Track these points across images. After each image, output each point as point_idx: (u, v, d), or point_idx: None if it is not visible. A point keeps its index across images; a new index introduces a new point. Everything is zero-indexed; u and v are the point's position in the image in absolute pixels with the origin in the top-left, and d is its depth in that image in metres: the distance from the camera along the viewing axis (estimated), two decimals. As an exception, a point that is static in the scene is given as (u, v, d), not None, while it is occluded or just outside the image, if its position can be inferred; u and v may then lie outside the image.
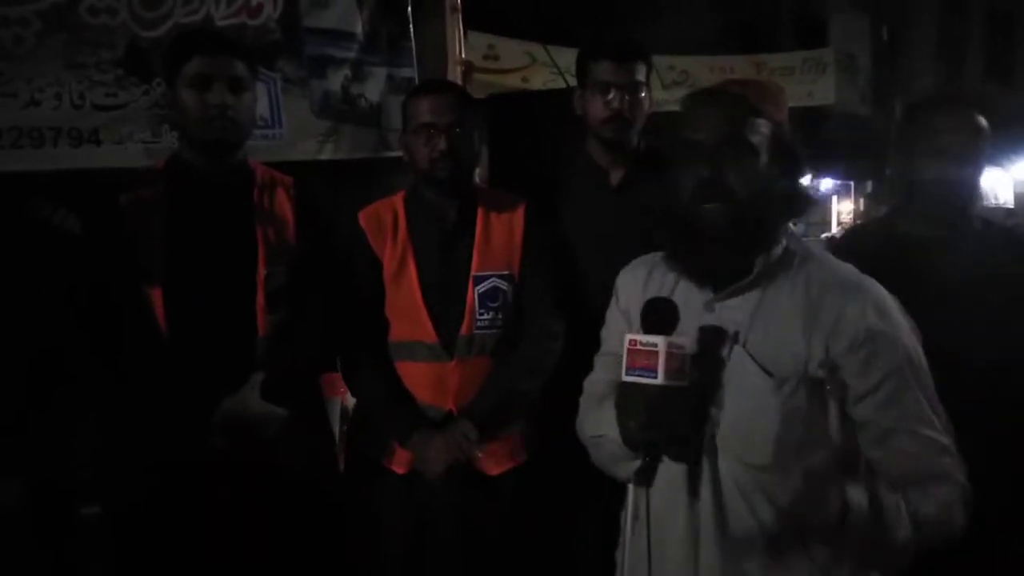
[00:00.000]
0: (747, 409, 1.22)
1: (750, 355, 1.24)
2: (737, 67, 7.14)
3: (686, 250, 1.31)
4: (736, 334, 1.26)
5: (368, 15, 2.86)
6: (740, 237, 1.25)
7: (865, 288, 1.27)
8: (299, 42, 2.77)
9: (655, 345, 1.16)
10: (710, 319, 1.29)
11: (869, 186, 15.07)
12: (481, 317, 1.95)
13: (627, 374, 1.18)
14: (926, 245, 1.87)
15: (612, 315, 1.50)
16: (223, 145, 1.87)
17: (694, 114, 1.30)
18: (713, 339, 1.25)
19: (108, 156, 2.53)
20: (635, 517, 1.33)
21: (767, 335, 1.25)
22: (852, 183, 15.41)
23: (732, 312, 1.28)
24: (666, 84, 6.68)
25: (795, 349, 1.23)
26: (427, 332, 1.94)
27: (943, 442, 1.23)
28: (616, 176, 2.20)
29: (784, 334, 1.24)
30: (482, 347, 1.96)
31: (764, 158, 1.26)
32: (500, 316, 1.97)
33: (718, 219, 1.24)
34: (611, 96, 2.12)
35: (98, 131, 2.54)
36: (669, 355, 1.15)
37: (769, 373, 1.22)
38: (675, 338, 1.18)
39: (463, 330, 1.94)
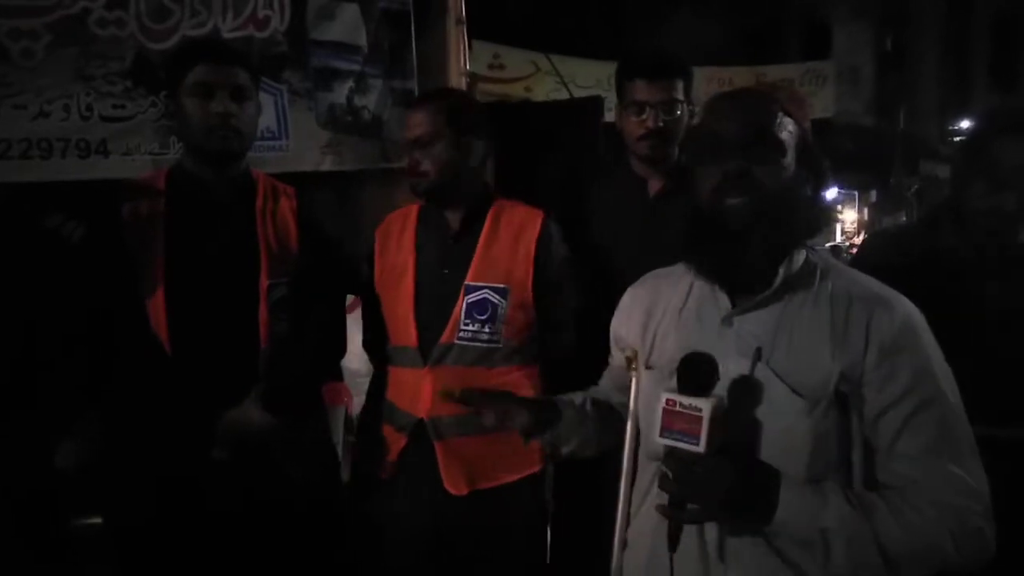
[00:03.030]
0: (777, 432, 1.17)
1: (776, 374, 1.18)
2: (737, 78, 7.16)
3: (707, 247, 1.25)
4: (759, 350, 1.20)
5: (373, 27, 2.89)
6: (763, 235, 1.20)
7: (893, 302, 1.21)
8: (305, 54, 2.79)
9: (699, 410, 1.09)
10: (728, 333, 1.23)
11: (873, 196, 15.09)
12: (465, 328, 1.91)
13: (663, 435, 1.11)
14: (975, 265, 1.81)
15: (615, 333, 1.48)
16: (226, 155, 1.87)
17: (722, 108, 1.26)
18: (747, 390, 1.18)
19: (116, 167, 2.53)
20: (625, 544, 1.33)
21: (791, 352, 1.20)
22: (856, 193, 15.43)
23: (752, 326, 1.23)
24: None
25: (822, 367, 1.17)
26: (410, 337, 1.94)
27: (957, 472, 1.14)
28: (655, 186, 2.18)
29: (809, 351, 1.19)
30: (460, 357, 1.92)
31: (791, 157, 1.22)
32: (486, 329, 1.92)
33: (743, 214, 1.19)
34: (645, 115, 2.09)
35: (106, 142, 2.55)
36: (712, 419, 1.09)
37: (799, 394, 1.16)
38: (715, 399, 1.11)
39: (443, 338, 1.92)
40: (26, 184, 2.44)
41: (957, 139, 12.66)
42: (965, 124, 13.56)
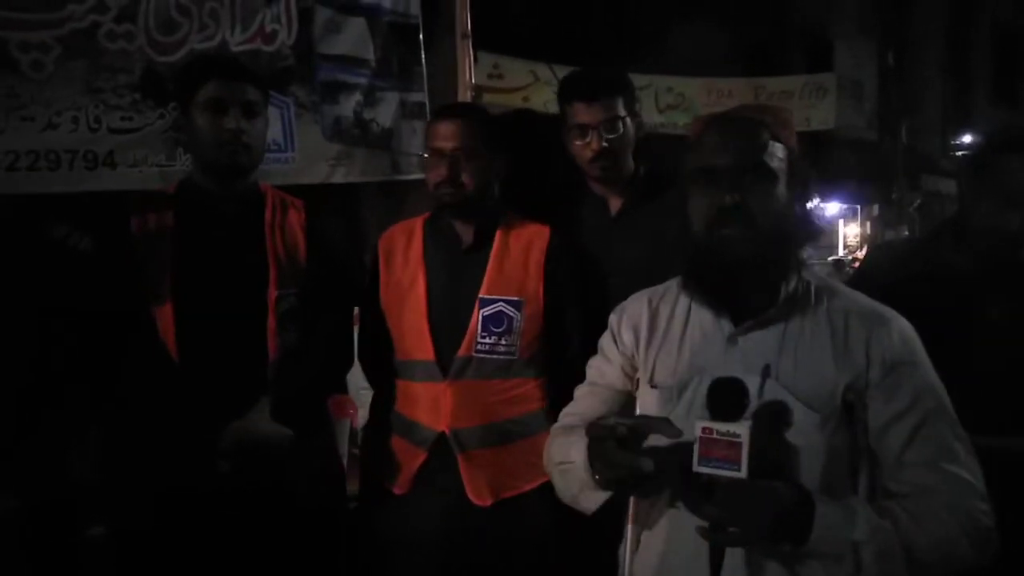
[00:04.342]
0: (794, 447, 1.19)
1: (788, 390, 1.22)
2: (735, 90, 7.15)
3: (706, 277, 1.29)
4: (767, 367, 1.23)
5: (380, 41, 2.90)
6: (761, 262, 1.24)
7: (889, 318, 1.27)
8: (312, 68, 2.81)
9: (737, 436, 1.10)
10: (734, 352, 1.26)
11: (875, 210, 15.09)
12: (482, 340, 1.93)
13: (700, 464, 1.13)
14: (978, 281, 1.82)
15: (610, 350, 1.46)
16: (236, 169, 1.89)
17: (713, 140, 1.29)
18: (764, 409, 1.19)
19: (123, 179, 2.54)
20: (633, 554, 1.33)
21: (798, 368, 1.23)
22: (859, 207, 15.42)
23: (756, 345, 1.26)
24: (661, 107, 6.65)
25: (828, 381, 1.22)
26: (426, 351, 1.94)
27: (965, 477, 1.19)
28: (615, 205, 2.20)
29: (815, 366, 1.23)
30: (478, 370, 1.93)
31: (782, 183, 1.26)
32: (503, 342, 1.94)
33: (739, 244, 1.23)
34: (589, 138, 2.10)
35: (113, 154, 2.55)
36: (750, 443, 1.10)
37: (813, 408, 1.20)
38: (748, 421, 1.13)
39: (461, 351, 1.93)
40: (34, 196, 2.45)
41: (959, 153, 12.69)
42: (967, 138, 13.59)
